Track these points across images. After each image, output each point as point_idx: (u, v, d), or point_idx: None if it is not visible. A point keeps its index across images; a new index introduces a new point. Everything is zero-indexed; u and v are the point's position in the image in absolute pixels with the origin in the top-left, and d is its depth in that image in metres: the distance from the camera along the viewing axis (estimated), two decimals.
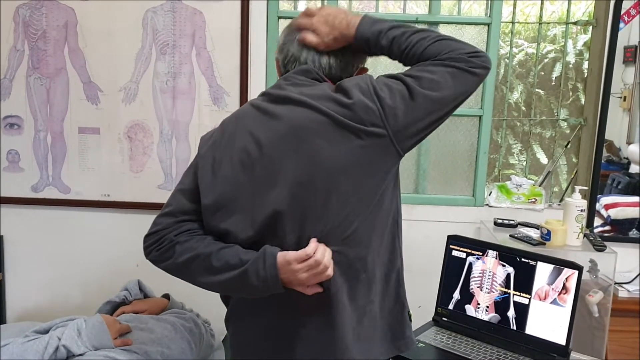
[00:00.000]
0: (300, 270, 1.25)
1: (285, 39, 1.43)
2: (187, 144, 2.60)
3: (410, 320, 1.48)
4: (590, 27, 2.72)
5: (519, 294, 1.89)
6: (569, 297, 1.80)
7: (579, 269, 1.81)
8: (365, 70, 1.46)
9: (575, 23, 2.76)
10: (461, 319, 1.99)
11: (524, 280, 1.88)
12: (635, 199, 2.64)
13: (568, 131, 2.91)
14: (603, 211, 2.68)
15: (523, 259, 1.90)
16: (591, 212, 2.63)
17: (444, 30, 2.64)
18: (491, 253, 1.96)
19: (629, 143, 2.66)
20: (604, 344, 2.32)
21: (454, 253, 2.03)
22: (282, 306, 1.35)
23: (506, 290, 1.91)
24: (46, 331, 1.90)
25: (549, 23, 3.17)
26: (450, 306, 2.01)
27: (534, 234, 2.36)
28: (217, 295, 2.58)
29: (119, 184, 2.64)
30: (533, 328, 1.85)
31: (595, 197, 2.65)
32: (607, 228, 2.68)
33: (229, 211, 1.32)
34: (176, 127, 2.59)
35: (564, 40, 2.85)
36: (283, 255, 1.25)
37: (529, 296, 1.87)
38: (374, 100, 1.26)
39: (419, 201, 2.70)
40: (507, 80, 2.86)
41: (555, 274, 1.83)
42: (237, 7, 2.51)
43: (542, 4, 2.73)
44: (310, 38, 1.37)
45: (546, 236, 2.26)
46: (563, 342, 1.80)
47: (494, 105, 2.66)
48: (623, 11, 2.54)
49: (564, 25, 2.79)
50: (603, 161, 2.65)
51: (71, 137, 2.62)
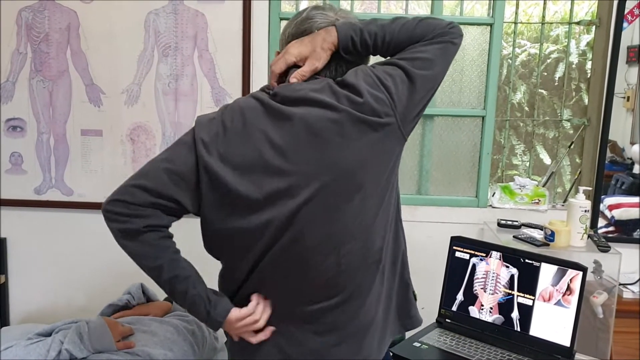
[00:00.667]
0: (240, 327, 1.36)
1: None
2: None
3: (415, 299, 1.51)
4: (593, 27, 2.71)
5: (522, 295, 1.88)
6: (573, 298, 1.79)
7: (583, 270, 1.80)
8: None
9: (578, 23, 2.75)
10: (465, 321, 1.98)
11: (527, 282, 1.87)
12: (639, 199, 2.63)
13: (571, 131, 2.90)
14: (607, 212, 2.67)
15: (527, 260, 1.89)
16: (595, 213, 2.63)
17: None
18: (495, 254, 1.95)
19: (632, 143, 2.65)
20: (608, 345, 2.31)
21: (457, 254, 2.02)
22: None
23: (510, 291, 1.90)
24: (49, 334, 1.90)
25: (551, 23, 3.15)
26: (454, 308, 2.00)
27: (538, 234, 2.36)
28: None
29: None
30: (537, 329, 1.84)
31: (599, 198, 2.65)
32: (611, 229, 2.67)
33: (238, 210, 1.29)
34: (178, 129, 2.59)
35: (566, 40, 2.84)
36: (230, 315, 1.36)
37: (533, 297, 1.86)
38: (382, 91, 1.26)
39: (422, 202, 2.69)
40: (510, 81, 2.85)
41: (559, 275, 1.82)
42: (239, 9, 2.51)
43: (545, 4, 2.72)
44: (303, 68, 1.32)
45: (550, 237, 2.25)
46: (567, 344, 1.79)
47: (496, 106, 2.65)
48: (626, 11, 2.53)
49: (567, 25, 2.79)
50: (607, 161, 2.64)
51: (74, 140, 2.62)
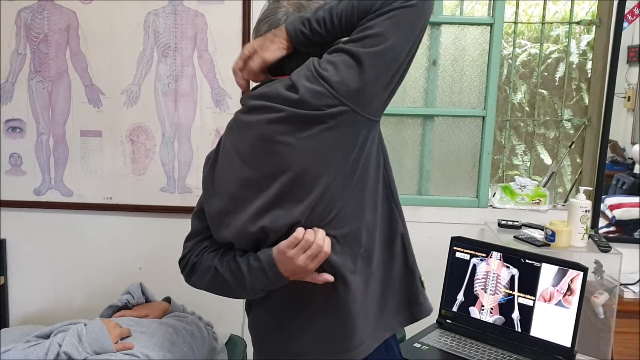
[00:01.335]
0: (295, 255, 1.26)
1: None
2: (190, 147, 2.59)
3: (423, 287, 1.48)
4: (594, 27, 2.71)
5: (523, 295, 1.87)
6: (574, 299, 1.79)
7: (584, 270, 1.79)
8: None
9: (578, 23, 2.75)
10: (465, 321, 1.97)
11: (528, 282, 1.87)
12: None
13: (572, 131, 2.89)
14: (608, 212, 2.67)
15: (527, 261, 1.89)
16: (596, 213, 2.62)
17: (446, 30, 2.63)
18: (495, 254, 1.95)
19: (633, 143, 2.65)
20: (609, 346, 2.31)
21: (458, 255, 2.02)
22: (291, 288, 1.36)
23: (510, 292, 1.90)
24: (47, 336, 1.89)
25: (552, 23, 3.15)
26: (454, 308, 2.00)
27: (538, 235, 2.35)
28: (220, 298, 2.58)
29: (121, 187, 2.63)
30: (538, 330, 1.84)
31: (599, 198, 2.64)
32: (612, 229, 2.66)
33: (225, 224, 1.38)
34: (178, 130, 2.59)
35: (567, 40, 2.83)
36: (276, 248, 1.29)
37: (533, 298, 1.85)
38: (320, 83, 1.23)
39: (422, 202, 2.68)
40: (511, 81, 2.85)
41: (560, 276, 1.82)
42: (239, 9, 2.50)
43: (545, 4, 2.72)
44: (252, 62, 1.34)
45: (550, 237, 2.24)
46: (568, 344, 1.78)
47: (497, 106, 2.65)
48: (627, 10, 2.53)
49: (567, 25, 2.78)
50: (607, 161, 2.64)
51: (73, 140, 2.62)
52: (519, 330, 1.87)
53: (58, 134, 2.62)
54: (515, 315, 1.88)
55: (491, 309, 1.93)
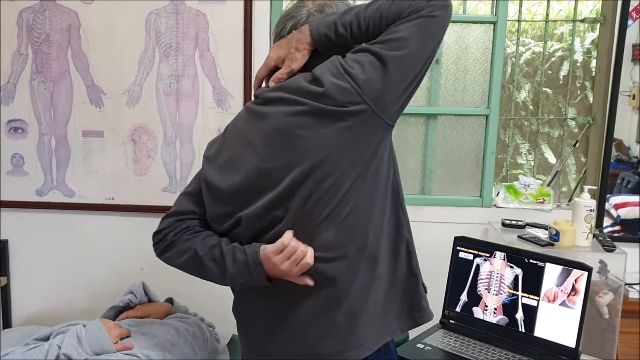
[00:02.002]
0: (280, 261, 1.29)
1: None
2: (191, 147, 2.59)
3: (426, 291, 1.49)
4: (598, 25, 2.69)
5: (527, 295, 1.86)
6: (579, 299, 1.77)
7: (589, 270, 1.78)
8: None
9: (582, 21, 2.73)
10: (469, 322, 1.96)
11: (532, 282, 1.85)
12: None
13: (576, 130, 2.88)
14: (613, 211, 2.65)
15: (531, 260, 1.87)
16: (600, 212, 2.61)
17: (449, 29, 2.60)
18: (499, 254, 1.93)
19: (638, 142, 2.63)
20: (614, 346, 2.29)
21: (461, 255, 2.01)
22: (286, 289, 1.37)
23: (514, 292, 1.88)
24: (46, 338, 1.89)
25: (555, 21, 3.13)
26: (458, 308, 1.99)
27: (543, 234, 2.34)
28: (222, 299, 2.57)
29: (123, 187, 2.63)
30: (542, 330, 1.82)
31: (604, 197, 2.63)
32: (617, 228, 2.65)
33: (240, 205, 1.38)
34: (180, 130, 2.58)
35: (571, 38, 2.82)
36: (263, 250, 1.31)
37: (537, 298, 1.84)
38: (346, 79, 1.26)
39: (425, 202, 2.67)
40: (514, 79, 2.83)
41: (564, 275, 1.80)
42: (241, 9, 2.49)
43: (549, 2, 2.71)
44: (280, 71, 1.37)
45: (555, 237, 2.23)
46: (573, 345, 1.77)
47: (501, 105, 2.64)
48: (631, 8, 2.51)
49: (571, 23, 2.77)
50: (612, 160, 2.62)
51: (75, 141, 2.62)
52: (523, 330, 1.85)
53: (60, 134, 2.61)
54: (519, 315, 1.86)
55: (495, 309, 1.91)
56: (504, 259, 1.92)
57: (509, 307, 1.89)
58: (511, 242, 2.28)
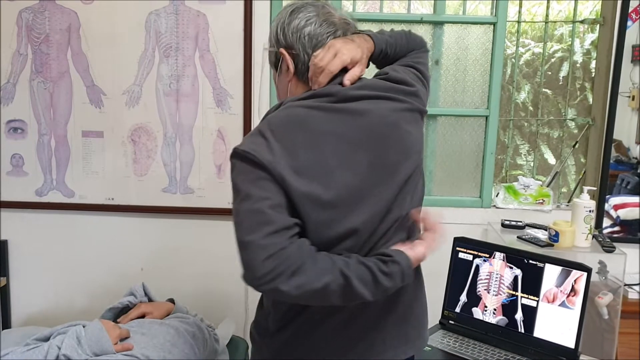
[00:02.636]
0: (432, 250, 1.35)
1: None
2: (191, 147, 2.59)
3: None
4: (598, 26, 2.69)
5: (526, 296, 1.86)
6: (578, 300, 1.77)
7: (588, 270, 1.78)
8: None
9: (582, 22, 2.73)
10: (468, 322, 1.96)
11: (531, 283, 1.85)
12: None
13: (576, 131, 2.88)
14: (612, 212, 2.65)
15: (531, 261, 1.87)
16: (600, 213, 2.61)
17: (449, 30, 2.62)
18: (498, 255, 1.93)
19: (638, 143, 2.63)
20: (614, 347, 2.29)
21: (461, 255, 2.01)
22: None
23: (514, 292, 1.89)
24: (46, 339, 1.88)
25: (555, 22, 3.13)
26: (457, 309, 1.99)
27: (542, 235, 2.34)
28: (223, 300, 2.57)
29: (123, 187, 2.63)
30: (541, 331, 1.82)
31: (604, 198, 2.63)
32: (617, 229, 2.65)
33: (352, 210, 1.29)
34: (180, 130, 2.58)
35: (571, 39, 2.82)
36: (420, 248, 1.33)
37: (537, 298, 1.84)
38: (424, 85, 1.47)
39: (425, 203, 2.63)
40: (514, 80, 2.83)
41: (564, 276, 1.80)
42: (241, 9, 2.49)
43: (549, 3, 2.71)
44: (355, 72, 1.40)
45: (554, 237, 2.23)
46: (572, 345, 1.77)
47: (500, 106, 2.64)
48: (630, 9, 2.51)
49: (571, 24, 2.77)
50: (612, 161, 2.62)
51: (75, 141, 2.61)
52: (523, 331, 1.85)
53: (59, 134, 2.61)
54: (519, 316, 1.87)
55: (494, 309, 1.91)
56: (503, 260, 1.92)
57: (508, 308, 1.89)
58: (511, 243, 2.28)
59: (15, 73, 2.58)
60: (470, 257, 1.99)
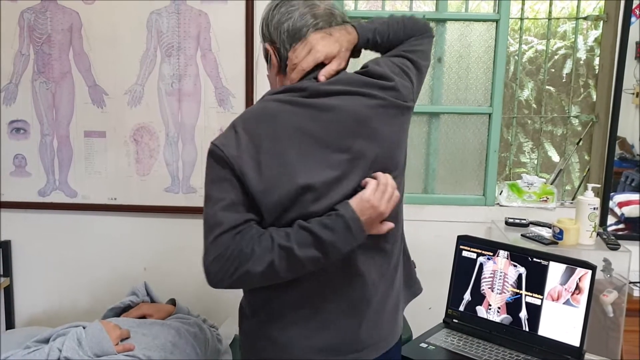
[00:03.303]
0: (378, 200, 1.29)
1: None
2: (194, 147, 2.58)
3: (415, 266, 1.65)
4: (601, 23, 2.68)
5: (531, 294, 1.85)
6: (583, 298, 1.76)
7: (593, 268, 1.77)
8: None
9: (585, 18, 2.72)
10: (472, 321, 1.95)
11: (536, 281, 1.84)
12: None
13: (580, 128, 2.86)
14: (616, 209, 2.64)
15: (535, 259, 1.86)
16: (604, 210, 2.59)
17: (451, 27, 2.61)
18: (502, 253, 1.92)
19: None
20: (619, 345, 2.28)
21: (465, 254, 2.00)
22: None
23: (518, 291, 1.88)
24: (47, 340, 1.88)
25: (558, 19, 3.12)
26: (461, 308, 1.98)
27: (546, 233, 2.33)
28: (224, 299, 2.57)
29: (125, 187, 2.63)
30: (546, 329, 1.81)
31: (608, 195, 2.62)
32: (621, 226, 2.64)
33: (314, 200, 1.31)
34: (182, 130, 2.58)
35: (574, 36, 2.81)
36: (359, 198, 1.29)
37: (541, 297, 1.83)
38: (407, 79, 1.42)
39: (428, 201, 2.66)
40: (517, 78, 2.82)
41: (568, 274, 1.79)
42: (242, 8, 2.49)
43: (551, 0, 2.69)
44: (331, 67, 1.39)
45: (558, 235, 2.22)
46: (577, 344, 1.76)
47: (503, 103, 2.63)
48: (634, 5, 2.50)
49: (574, 21, 2.76)
50: (616, 158, 2.61)
51: (77, 141, 2.61)
52: (527, 329, 1.84)
53: (62, 134, 2.61)
54: (523, 314, 1.86)
55: (498, 308, 1.91)
56: (507, 258, 1.91)
57: (512, 306, 1.88)
58: (515, 241, 2.28)
59: (18, 73, 2.58)
60: (474, 256, 1.98)
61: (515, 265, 1.89)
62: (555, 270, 1.81)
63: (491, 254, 1.94)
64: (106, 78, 2.57)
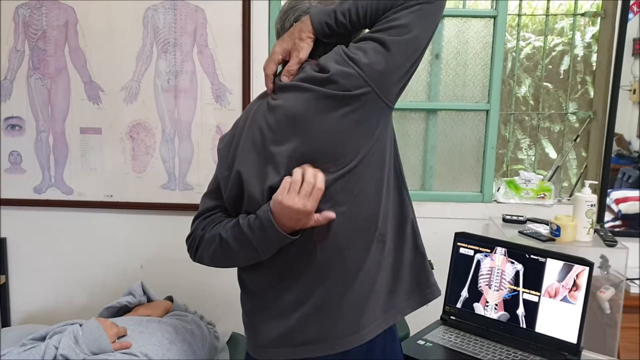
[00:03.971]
0: (290, 200, 1.27)
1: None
2: (190, 143, 2.57)
3: (432, 268, 1.54)
4: (599, 19, 2.68)
5: (528, 291, 1.85)
6: (580, 294, 1.76)
7: (590, 265, 1.76)
8: None
9: (583, 15, 2.72)
10: (469, 318, 1.95)
11: (533, 278, 1.84)
12: None
13: (577, 125, 2.86)
14: (614, 206, 2.64)
15: (532, 256, 1.86)
16: (601, 207, 2.60)
17: (449, 23, 2.60)
18: (500, 250, 1.92)
19: (639, 136, 2.62)
20: (616, 342, 2.28)
21: (462, 250, 1.99)
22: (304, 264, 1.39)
23: (515, 287, 1.87)
24: (43, 338, 1.86)
25: (556, 15, 3.11)
26: (459, 305, 1.97)
27: (544, 230, 2.33)
28: (222, 296, 2.57)
29: (122, 184, 2.62)
30: (543, 326, 1.81)
31: (605, 192, 2.62)
32: (618, 223, 2.64)
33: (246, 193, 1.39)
34: (178, 126, 2.57)
35: (571, 32, 2.80)
36: (272, 200, 1.30)
37: (538, 294, 1.83)
38: (350, 65, 1.29)
39: (426, 198, 2.66)
40: (515, 74, 2.82)
41: (566, 271, 1.79)
42: (239, 4, 2.48)
43: None
44: (290, 63, 1.38)
45: (556, 232, 2.22)
46: (574, 340, 1.76)
47: (501, 100, 2.62)
48: (632, 2, 2.50)
49: (572, 18, 2.75)
50: (613, 155, 2.61)
51: (73, 138, 2.60)
52: (524, 326, 1.84)
53: (58, 131, 2.60)
54: (520, 311, 1.85)
55: (496, 305, 1.90)
56: (504, 255, 1.91)
57: (510, 303, 1.88)
58: (512, 238, 2.27)
59: (13, 70, 2.56)
60: (471, 253, 1.97)
61: (512, 262, 1.89)
62: (553, 267, 1.81)
63: (488, 250, 1.94)
64: (102, 74, 2.56)
